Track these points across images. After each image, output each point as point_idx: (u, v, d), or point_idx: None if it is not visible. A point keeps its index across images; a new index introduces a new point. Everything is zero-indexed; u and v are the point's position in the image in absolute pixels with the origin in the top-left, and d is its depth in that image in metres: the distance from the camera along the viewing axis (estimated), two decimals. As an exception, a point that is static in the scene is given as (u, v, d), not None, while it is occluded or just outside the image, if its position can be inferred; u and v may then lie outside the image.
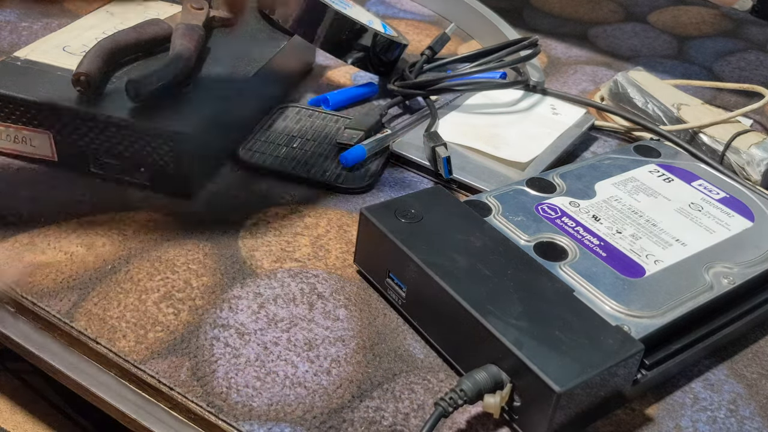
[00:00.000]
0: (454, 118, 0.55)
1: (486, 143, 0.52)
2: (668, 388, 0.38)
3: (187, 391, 0.34)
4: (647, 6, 0.86)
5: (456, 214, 0.40)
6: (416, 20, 0.76)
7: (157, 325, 0.38)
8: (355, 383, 0.36)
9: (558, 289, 0.36)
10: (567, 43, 0.75)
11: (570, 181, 0.45)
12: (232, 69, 0.52)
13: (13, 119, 0.46)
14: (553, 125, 0.55)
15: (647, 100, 0.59)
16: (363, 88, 0.60)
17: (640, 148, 0.50)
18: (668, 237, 0.41)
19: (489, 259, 0.37)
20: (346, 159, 0.50)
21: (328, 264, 0.43)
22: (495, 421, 0.35)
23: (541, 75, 0.62)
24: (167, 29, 0.52)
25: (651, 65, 0.72)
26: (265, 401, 0.34)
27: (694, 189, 0.46)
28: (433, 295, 0.36)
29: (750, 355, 0.40)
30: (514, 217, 0.41)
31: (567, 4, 0.84)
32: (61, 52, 0.51)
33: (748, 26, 0.83)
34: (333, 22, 0.56)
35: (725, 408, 0.37)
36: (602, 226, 0.41)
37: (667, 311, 0.36)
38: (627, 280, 0.38)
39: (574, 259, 0.39)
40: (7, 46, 0.61)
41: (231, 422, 0.33)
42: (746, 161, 0.52)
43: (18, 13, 0.67)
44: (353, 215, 0.47)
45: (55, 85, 0.47)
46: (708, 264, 0.39)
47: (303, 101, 0.59)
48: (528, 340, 0.32)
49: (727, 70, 0.73)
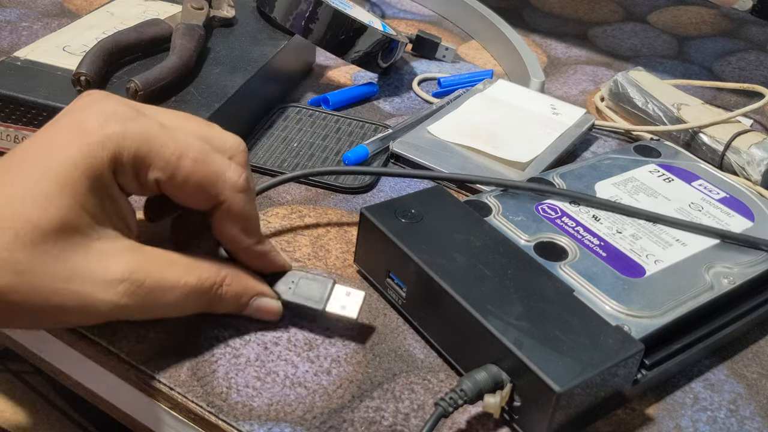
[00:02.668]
0: (454, 118, 0.55)
1: (486, 143, 0.52)
2: (668, 388, 0.38)
3: (187, 391, 0.34)
4: (647, 6, 0.86)
5: (456, 214, 0.40)
6: (416, 20, 0.76)
7: (157, 324, 0.38)
8: (355, 383, 0.36)
9: (558, 289, 0.36)
10: (567, 43, 0.75)
11: (570, 181, 0.45)
12: (232, 69, 0.52)
13: (13, 119, 0.46)
14: (553, 125, 0.55)
15: (647, 100, 0.59)
16: (363, 87, 0.60)
17: (640, 148, 0.50)
18: (668, 237, 0.41)
19: (489, 259, 0.37)
20: (348, 159, 0.50)
21: (328, 264, 0.43)
22: (495, 421, 0.35)
23: (541, 75, 0.62)
24: (167, 29, 0.52)
25: (651, 65, 0.72)
26: (265, 401, 0.34)
27: (694, 189, 0.46)
28: (433, 295, 0.36)
29: (750, 355, 0.40)
30: (514, 217, 0.41)
31: (567, 4, 0.84)
32: (61, 52, 0.51)
33: (748, 26, 0.83)
34: (333, 21, 0.56)
35: (725, 408, 0.37)
36: (602, 226, 0.41)
37: (667, 311, 0.36)
38: (627, 280, 0.38)
39: (574, 259, 0.39)
40: (7, 46, 0.61)
41: (231, 422, 0.33)
42: (746, 161, 0.52)
43: (18, 13, 0.67)
44: (353, 215, 0.47)
45: (55, 85, 0.47)
46: (708, 264, 0.39)
47: (303, 101, 0.59)
48: (528, 339, 0.32)
49: (727, 70, 0.73)
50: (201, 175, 0.33)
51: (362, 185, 0.49)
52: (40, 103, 0.45)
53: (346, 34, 0.57)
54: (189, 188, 0.34)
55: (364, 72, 0.64)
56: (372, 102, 0.60)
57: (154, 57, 0.51)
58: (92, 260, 0.31)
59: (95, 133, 0.32)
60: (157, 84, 0.46)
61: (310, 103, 0.58)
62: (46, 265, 0.30)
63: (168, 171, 0.33)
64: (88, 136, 0.31)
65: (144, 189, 0.34)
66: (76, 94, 0.46)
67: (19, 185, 0.30)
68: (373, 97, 0.61)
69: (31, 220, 0.30)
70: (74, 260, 0.31)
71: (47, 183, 0.30)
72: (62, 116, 0.33)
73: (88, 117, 0.32)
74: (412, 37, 0.67)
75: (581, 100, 0.65)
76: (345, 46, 0.57)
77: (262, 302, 0.37)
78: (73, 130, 0.32)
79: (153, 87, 0.46)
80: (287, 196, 0.48)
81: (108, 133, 0.32)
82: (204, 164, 0.33)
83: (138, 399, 0.37)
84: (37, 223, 0.30)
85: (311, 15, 0.56)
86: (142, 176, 0.33)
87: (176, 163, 0.33)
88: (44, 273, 0.30)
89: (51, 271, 0.30)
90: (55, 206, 0.30)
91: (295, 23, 0.56)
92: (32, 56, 0.50)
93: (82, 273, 0.31)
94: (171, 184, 0.33)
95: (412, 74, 0.65)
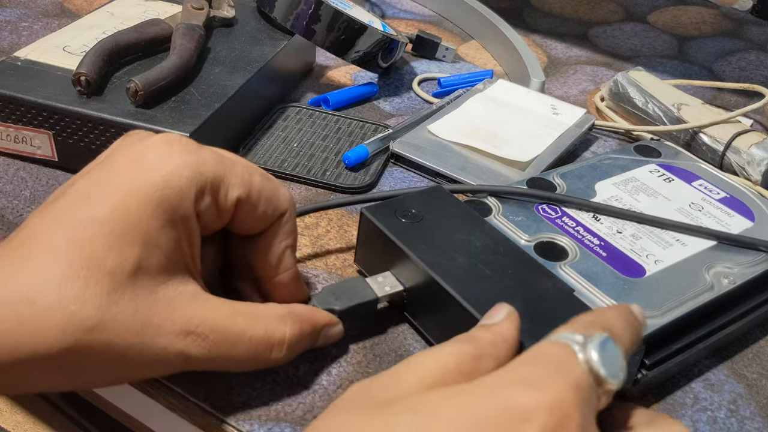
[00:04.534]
0: (454, 117, 0.55)
1: (486, 143, 0.52)
2: (668, 388, 0.38)
3: (187, 392, 0.34)
4: (647, 6, 0.86)
5: (456, 214, 0.40)
6: (416, 20, 0.76)
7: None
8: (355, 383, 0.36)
9: (558, 289, 0.36)
10: (567, 43, 0.75)
11: (570, 181, 0.45)
12: (232, 69, 0.52)
13: (13, 119, 0.46)
14: (554, 125, 0.55)
15: (647, 100, 0.59)
16: (363, 87, 0.60)
17: (640, 148, 0.50)
18: (668, 237, 0.41)
19: (489, 259, 0.37)
20: (349, 159, 0.50)
21: (328, 264, 0.43)
22: (495, 421, 0.34)
23: (541, 75, 0.62)
24: (167, 29, 0.52)
25: (651, 65, 0.72)
26: (265, 401, 0.34)
27: (695, 189, 0.46)
28: (433, 294, 0.36)
29: (750, 355, 0.40)
30: (514, 217, 0.41)
31: (567, 4, 0.84)
32: (61, 52, 0.51)
33: (748, 26, 0.83)
34: (333, 21, 0.56)
35: (725, 408, 0.37)
36: (602, 226, 0.41)
37: (668, 311, 0.36)
38: (627, 279, 0.38)
39: (575, 259, 0.39)
40: (7, 46, 0.61)
41: (231, 422, 0.33)
42: (746, 161, 0.52)
43: (18, 13, 0.67)
44: (353, 215, 0.47)
45: (55, 85, 0.47)
46: (708, 264, 0.39)
47: (303, 101, 0.59)
48: (528, 339, 0.32)
49: (727, 70, 0.73)
50: (270, 187, 0.33)
51: (362, 185, 0.49)
52: (40, 103, 0.45)
53: (346, 34, 0.57)
54: (262, 203, 0.33)
55: (364, 72, 0.64)
56: (372, 102, 0.60)
57: (154, 57, 0.52)
58: (160, 309, 0.29)
59: (167, 164, 0.30)
60: (157, 84, 0.46)
61: (310, 103, 0.58)
62: (117, 319, 0.28)
63: (246, 188, 0.32)
64: (160, 168, 0.30)
65: (222, 213, 0.32)
66: (77, 94, 0.46)
67: (83, 227, 0.28)
68: (373, 97, 0.61)
69: (103, 267, 0.27)
70: (143, 310, 0.28)
71: (118, 222, 0.28)
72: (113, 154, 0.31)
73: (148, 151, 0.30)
74: (412, 37, 0.67)
75: (581, 100, 0.65)
76: (345, 46, 0.57)
77: (329, 334, 0.35)
78: (133, 163, 0.30)
79: (153, 87, 0.46)
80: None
81: (182, 161, 0.30)
82: (267, 178, 0.34)
83: (138, 399, 0.37)
84: (110, 270, 0.27)
85: (311, 15, 0.56)
86: (222, 198, 0.32)
87: (249, 179, 0.33)
88: (117, 328, 0.28)
89: (124, 325, 0.28)
90: (128, 248, 0.28)
91: (295, 23, 0.56)
92: (32, 56, 0.50)
93: (153, 325, 0.29)
94: (249, 202, 0.33)
95: (412, 74, 0.65)
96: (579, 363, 0.26)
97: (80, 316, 0.27)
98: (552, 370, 0.25)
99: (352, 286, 0.37)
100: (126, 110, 0.45)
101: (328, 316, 0.35)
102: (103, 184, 0.29)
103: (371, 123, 0.56)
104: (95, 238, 0.28)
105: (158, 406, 0.36)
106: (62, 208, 0.29)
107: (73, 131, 0.46)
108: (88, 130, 0.46)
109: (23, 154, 0.48)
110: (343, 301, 0.36)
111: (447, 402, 0.24)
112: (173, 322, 0.29)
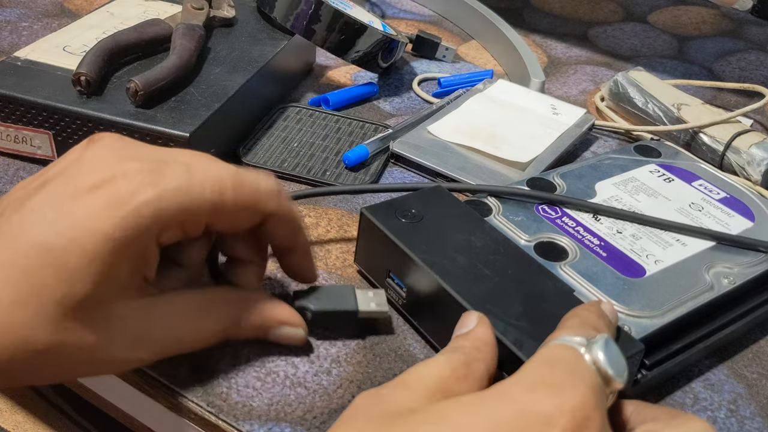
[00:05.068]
0: (454, 118, 0.55)
1: (486, 143, 0.52)
2: (668, 388, 0.38)
3: (187, 391, 0.34)
4: (647, 6, 0.86)
5: (456, 214, 0.40)
6: (416, 20, 0.76)
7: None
8: (355, 383, 0.36)
9: (558, 289, 0.36)
10: (567, 43, 0.75)
11: (570, 181, 0.45)
12: (232, 69, 0.52)
13: (13, 119, 0.46)
14: (554, 125, 0.55)
15: (647, 100, 0.59)
16: (363, 87, 0.60)
17: (640, 148, 0.50)
18: (668, 237, 0.41)
19: (489, 259, 0.37)
20: (349, 159, 0.50)
21: (328, 264, 0.43)
22: (495, 421, 0.34)
23: (541, 75, 0.62)
24: (167, 29, 0.52)
25: (651, 65, 0.72)
26: (265, 401, 0.34)
27: (695, 189, 0.46)
28: (433, 294, 0.36)
29: (750, 355, 0.40)
30: (514, 217, 0.41)
31: (567, 4, 0.84)
32: (61, 52, 0.51)
33: (748, 26, 0.83)
34: (333, 21, 0.56)
35: (725, 408, 0.37)
36: (602, 226, 0.41)
37: (668, 311, 0.36)
38: (627, 280, 0.38)
39: (575, 259, 0.39)
40: (7, 46, 0.61)
41: (231, 422, 0.33)
42: (746, 161, 0.52)
43: (18, 13, 0.67)
44: (353, 215, 0.47)
45: (55, 85, 0.47)
46: (708, 264, 0.39)
47: (303, 101, 0.59)
48: (528, 340, 0.32)
49: (727, 70, 0.73)
50: (244, 197, 0.32)
51: (362, 185, 0.49)
52: (40, 103, 0.45)
53: (346, 34, 0.57)
54: (238, 214, 0.33)
55: (364, 72, 0.64)
56: (372, 102, 0.60)
57: (154, 57, 0.52)
58: (113, 328, 0.30)
59: (127, 203, 0.29)
60: (157, 84, 0.46)
61: (310, 103, 0.58)
62: (70, 342, 0.29)
63: (216, 211, 0.32)
64: (120, 207, 0.29)
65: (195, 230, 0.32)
66: (77, 94, 0.46)
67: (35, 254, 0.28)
68: (373, 97, 0.61)
69: (53, 296, 0.28)
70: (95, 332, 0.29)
71: (71, 257, 0.28)
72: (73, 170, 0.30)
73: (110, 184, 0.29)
74: (412, 37, 0.67)
75: (581, 100, 0.65)
76: (345, 46, 0.57)
77: (283, 332, 0.36)
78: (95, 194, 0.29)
79: (153, 87, 0.46)
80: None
81: (142, 200, 0.29)
82: (242, 187, 0.32)
83: (138, 399, 0.37)
84: (60, 299, 0.28)
85: (311, 15, 0.56)
86: (189, 226, 0.31)
87: (220, 199, 0.31)
88: (69, 349, 0.29)
89: (76, 346, 0.29)
90: (79, 283, 0.28)
91: (295, 23, 0.56)
92: (32, 56, 0.50)
93: (104, 344, 0.30)
94: (221, 219, 0.32)
95: (412, 74, 0.65)
96: (588, 364, 0.26)
97: (32, 341, 0.28)
98: (567, 374, 0.26)
99: (338, 292, 0.37)
100: (126, 110, 0.45)
101: (284, 315, 0.35)
102: (61, 209, 0.29)
103: (371, 123, 0.56)
104: (47, 267, 0.28)
105: (158, 406, 0.36)
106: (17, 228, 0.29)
107: (73, 131, 0.46)
108: (88, 130, 0.46)
109: (23, 154, 0.48)
110: (322, 303, 0.37)
111: (468, 410, 0.25)
112: (124, 336, 0.31)
